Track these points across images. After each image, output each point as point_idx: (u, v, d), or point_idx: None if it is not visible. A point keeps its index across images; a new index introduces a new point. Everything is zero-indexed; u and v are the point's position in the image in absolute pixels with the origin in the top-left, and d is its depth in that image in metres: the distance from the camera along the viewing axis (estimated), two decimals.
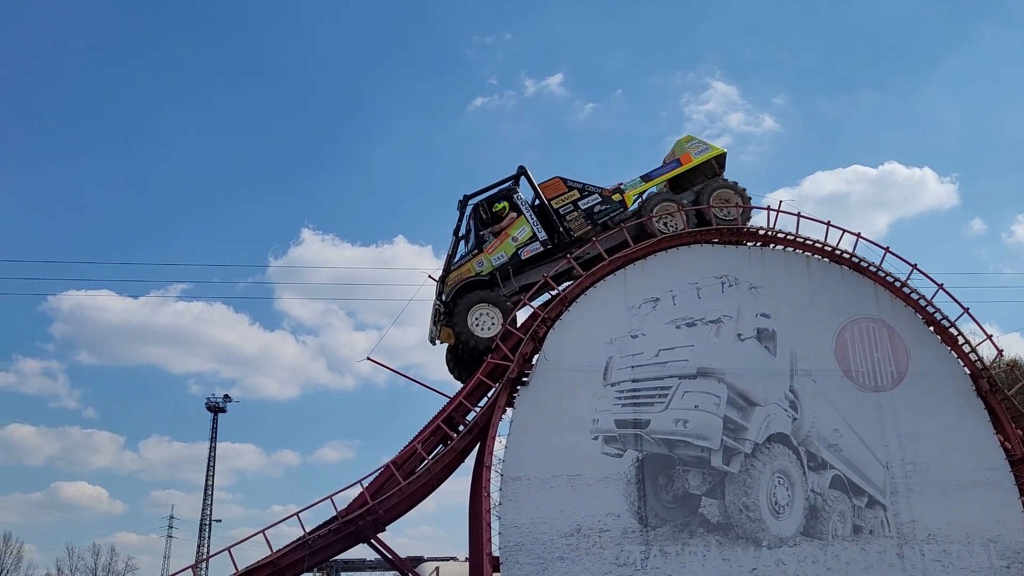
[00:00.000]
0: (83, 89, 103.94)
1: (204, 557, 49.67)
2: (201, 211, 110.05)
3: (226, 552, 18.34)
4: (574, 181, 22.19)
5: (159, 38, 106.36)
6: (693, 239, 21.49)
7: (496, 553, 18.54)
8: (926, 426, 20.38)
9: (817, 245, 21.81)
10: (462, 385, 20.84)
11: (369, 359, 21.83)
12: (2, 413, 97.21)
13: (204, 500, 68.65)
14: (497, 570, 18.51)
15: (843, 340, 20.96)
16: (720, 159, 23.20)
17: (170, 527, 69.97)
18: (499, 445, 19.27)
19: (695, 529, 19.02)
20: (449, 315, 20.82)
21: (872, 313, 21.35)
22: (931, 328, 21.43)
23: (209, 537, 67.26)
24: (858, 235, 21.82)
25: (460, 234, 21.91)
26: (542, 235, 21.53)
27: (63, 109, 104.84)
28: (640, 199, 22.51)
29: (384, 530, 19.64)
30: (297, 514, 18.87)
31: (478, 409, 19.86)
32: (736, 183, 22.54)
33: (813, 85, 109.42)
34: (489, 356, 20.06)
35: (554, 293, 20.84)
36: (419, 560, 31.38)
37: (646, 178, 22.84)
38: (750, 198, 22.27)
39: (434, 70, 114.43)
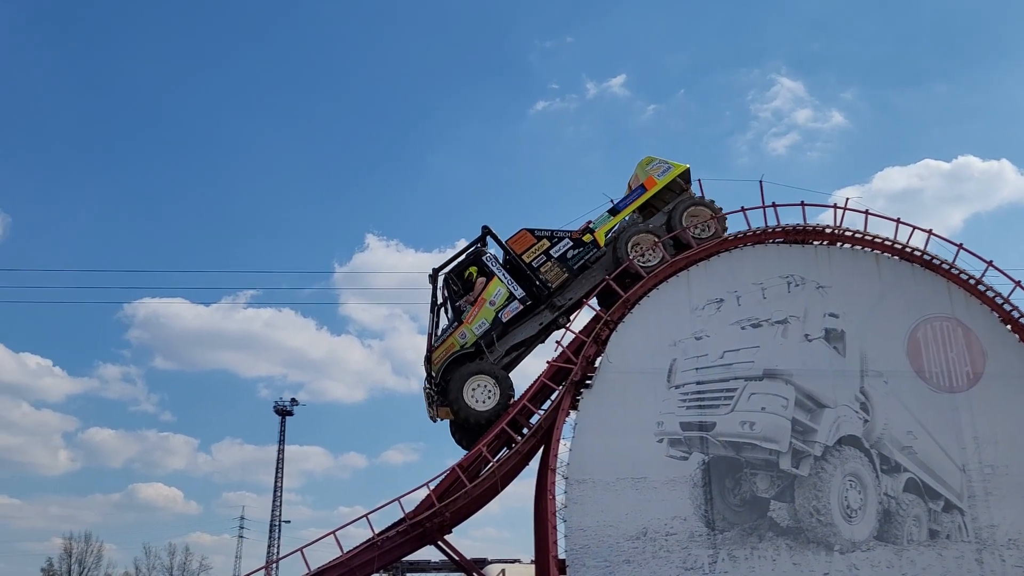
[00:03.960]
0: (156, 101, 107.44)
1: (277, 558, 50.76)
2: (268, 219, 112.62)
3: (298, 552, 18.79)
4: (541, 230, 21.67)
5: (226, 49, 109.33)
6: (757, 239, 21.20)
7: (562, 556, 18.60)
8: (1004, 428, 19.78)
9: (887, 243, 21.31)
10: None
11: None
12: (86, 417, 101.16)
13: (274, 501, 70.24)
14: (563, 573, 18.55)
15: (916, 340, 20.43)
16: (685, 175, 22.44)
17: (241, 528, 71.76)
18: (563, 448, 19.31)
19: (764, 533, 18.77)
20: (443, 394, 20.28)
21: (946, 312, 20.76)
22: (1008, 326, 20.75)
23: (279, 537, 68.77)
24: (929, 232, 21.28)
25: (436, 310, 21.55)
26: (519, 292, 21.00)
27: (137, 121, 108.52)
28: (613, 233, 21.84)
29: (451, 532, 19.89)
30: (366, 515, 19.24)
31: (542, 412, 19.91)
32: (705, 198, 21.97)
33: (883, 78, 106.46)
34: (552, 360, 20.12)
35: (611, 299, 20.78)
36: (483, 562, 31.51)
37: (613, 212, 22.17)
38: (720, 209, 21.68)
39: (496, 75, 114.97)
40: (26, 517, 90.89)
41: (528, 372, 21.67)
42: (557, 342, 20.45)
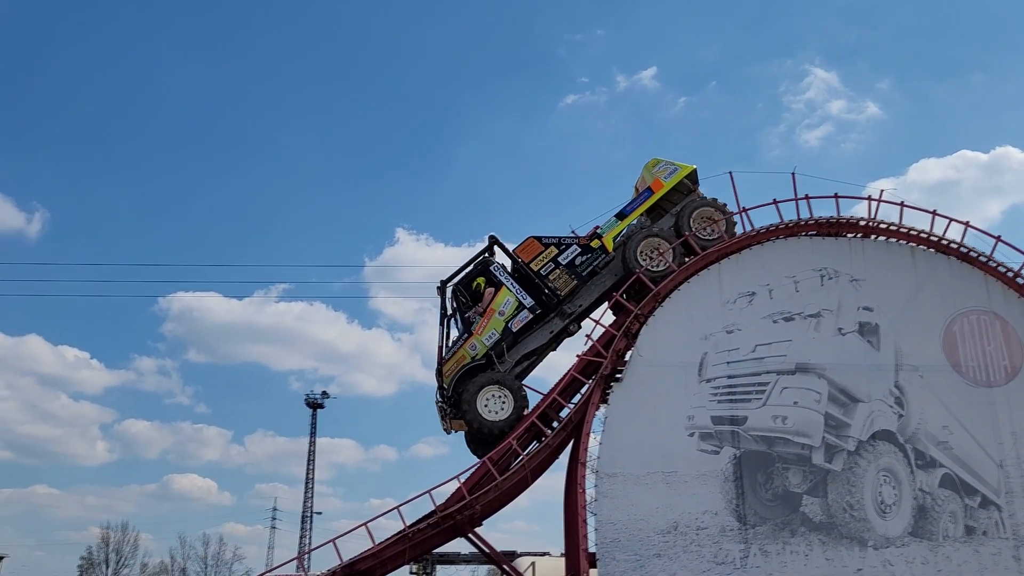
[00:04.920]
0: (190, 97, 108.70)
1: (309, 548, 51.34)
2: (299, 214, 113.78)
3: (330, 544, 19.00)
4: (549, 237, 21.45)
5: (257, 45, 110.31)
6: (790, 232, 20.99)
7: (592, 549, 18.61)
8: None
9: (922, 235, 20.99)
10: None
11: None
12: (123, 408, 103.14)
13: (305, 493, 71.03)
14: (594, 566, 18.57)
15: (952, 334, 20.13)
16: (692, 175, 22.17)
17: (274, 519, 72.72)
18: (593, 441, 19.29)
19: (796, 528, 18.63)
20: (456, 406, 20.14)
21: (983, 305, 20.43)
22: None
23: (311, 529, 69.55)
24: (966, 224, 20.93)
25: (446, 321, 21.39)
26: (528, 301, 20.78)
27: (171, 117, 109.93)
28: (621, 237, 21.55)
29: (481, 525, 19.93)
30: (397, 508, 19.36)
31: (572, 405, 19.89)
32: (714, 199, 21.66)
33: (919, 68, 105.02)
34: (581, 353, 20.10)
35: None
36: (512, 555, 31.65)
37: (621, 216, 21.86)
38: (725, 204, 21.37)
39: (525, 69, 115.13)
40: (64, 506, 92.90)
41: (558, 366, 21.68)
42: (587, 336, 20.43)
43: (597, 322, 20.57)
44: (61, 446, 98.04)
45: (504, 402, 19.97)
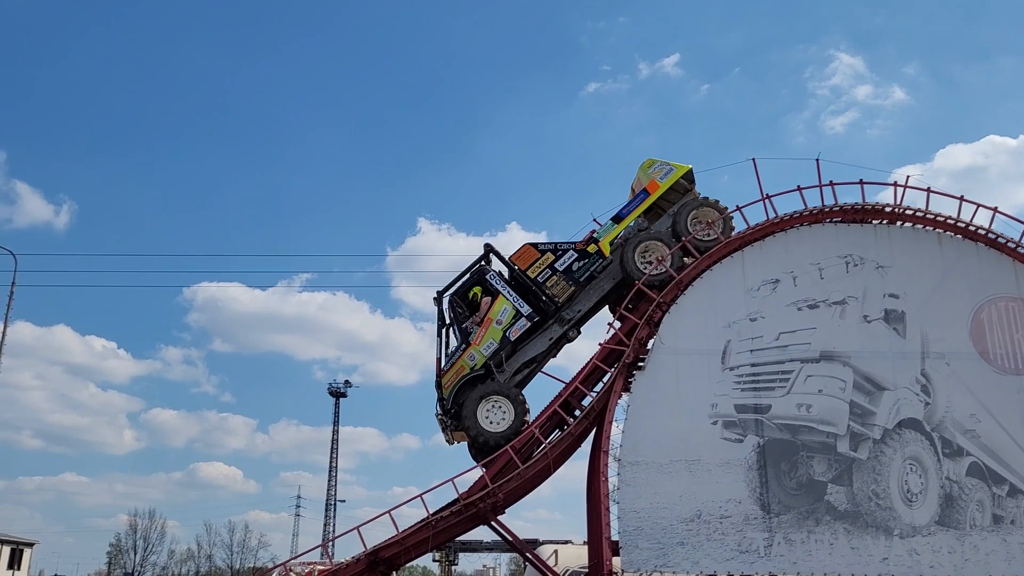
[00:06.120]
0: (215, 91, 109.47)
1: (333, 536, 51.84)
2: (323, 204, 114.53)
3: (354, 531, 19.17)
4: (546, 243, 21.45)
5: (282, 39, 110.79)
6: (814, 218, 20.79)
7: (615, 537, 18.62)
8: None
9: (949, 221, 20.70)
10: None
11: None
12: (150, 398, 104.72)
13: (329, 481, 71.83)
14: (616, 554, 18.58)
15: (979, 321, 19.86)
16: (688, 175, 21.92)
17: (298, 506, 73.55)
18: (616, 430, 19.28)
19: (821, 516, 18.53)
20: (457, 417, 20.14)
21: (1011, 292, 20.12)
22: None
23: (335, 516, 70.32)
24: (995, 209, 20.61)
25: (444, 332, 21.32)
26: (526, 309, 20.70)
27: (196, 111, 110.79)
28: (618, 240, 21.35)
29: (503, 512, 20.02)
30: (421, 496, 19.50)
31: (594, 394, 19.88)
32: (716, 200, 21.36)
33: (947, 53, 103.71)
34: (604, 342, 20.06)
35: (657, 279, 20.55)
36: (534, 543, 31.73)
37: (617, 219, 21.67)
38: (726, 208, 21.14)
39: (546, 58, 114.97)
40: (93, 494, 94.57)
41: (579, 355, 21.67)
42: (609, 324, 20.40)
43: (619, 311, 20.52)
44: (89, 435, 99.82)
45: (505, 412, 19.99)
